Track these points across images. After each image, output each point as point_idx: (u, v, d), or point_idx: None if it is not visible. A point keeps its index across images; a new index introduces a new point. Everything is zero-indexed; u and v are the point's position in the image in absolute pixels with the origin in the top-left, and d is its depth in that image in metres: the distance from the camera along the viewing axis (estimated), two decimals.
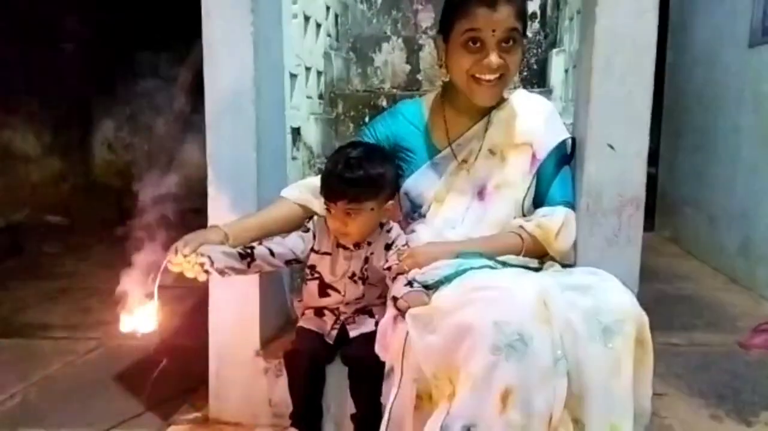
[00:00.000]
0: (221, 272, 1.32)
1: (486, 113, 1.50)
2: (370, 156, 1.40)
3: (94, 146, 4.40)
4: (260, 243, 1.42)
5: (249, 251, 1.38)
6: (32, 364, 2.08)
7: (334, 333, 1.49)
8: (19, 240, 3.71)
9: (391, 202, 1.45)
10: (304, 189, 1.55)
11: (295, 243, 1.46)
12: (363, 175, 1.36)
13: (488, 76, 1.38)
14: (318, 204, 1.49)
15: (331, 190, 1.38)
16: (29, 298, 2.82)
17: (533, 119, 1.49)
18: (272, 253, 1.41)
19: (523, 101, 1.53)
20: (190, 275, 1.31)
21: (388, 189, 1.43)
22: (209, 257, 1.30)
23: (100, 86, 4.24)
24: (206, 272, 1.30)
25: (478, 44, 1.36)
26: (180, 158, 4.25)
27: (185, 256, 1.29)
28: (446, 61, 1.44)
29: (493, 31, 1.34)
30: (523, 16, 1.38)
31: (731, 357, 2.07)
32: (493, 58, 1.36)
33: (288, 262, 1.46)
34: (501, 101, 1.52)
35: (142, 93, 4.34)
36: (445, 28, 1.43)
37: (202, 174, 1.61)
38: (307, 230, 1.48)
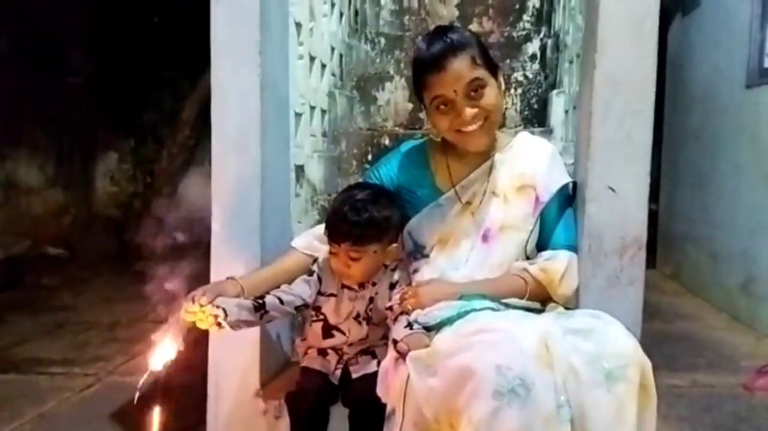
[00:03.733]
0: (233, 326, 1.32)
1: (488, 155, 1.52)
2: (376, 199, 1.40)
3: (96, 178, 4.42)
4: (268, 293, 1.42)
5: (261, 302, 1.38)
6: (27, 401, 2.06)
7: (338, 373, 1.47)
8: (19, 272, 3.70)
9: (394, 245, 1.45)
10: (312, 237, 1.56)
11: (301, 289, 1.46)
12: (368, 218, 1.36)
13: (471, 127, 1.40)
14: (323, 250, 1.50)
15: (335, 231, 1.38)
16: (26, 332, 2.80)
17: (536, 162, 1.51)
18: (281, 301, 1.41)
19: (526, 144, 1.55)
20: (203, 326, 1.31)
21: (392, 233, 1.43)
22: (224, 310, 1.29)
23: (103, 119, 4.29)
24: (219, 325, 1.29)
25: (448, 105, 1.39)
26: (182, 192, 4.28)
27: (202, 306, 1.29)
28: (431, 121, 1.47)
29: (455, 90, 1.36)
30: (482, 56, 1.38)
31: (735, 399, 2.05)
32: (467, 113, 1.38)
33: (297, 308, 1.46)
34: (504, 144, 1.54)
35: (145, 126, 4.39)
36: (418, 96, 1.46)
37: (205, 208, 1.62)
38: (312, 274, 1.48)
